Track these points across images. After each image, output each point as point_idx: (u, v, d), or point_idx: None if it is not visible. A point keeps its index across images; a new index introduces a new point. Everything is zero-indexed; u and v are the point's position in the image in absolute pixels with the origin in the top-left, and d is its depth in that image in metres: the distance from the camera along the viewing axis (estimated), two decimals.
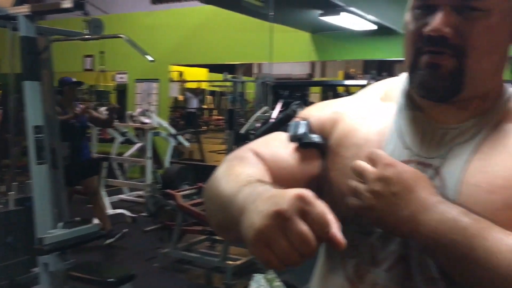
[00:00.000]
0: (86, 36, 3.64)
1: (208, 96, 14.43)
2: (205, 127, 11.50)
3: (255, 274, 0.98)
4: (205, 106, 13.82)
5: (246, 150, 0.88)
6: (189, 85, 11.20)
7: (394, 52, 5.55)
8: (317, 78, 14.92)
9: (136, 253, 4.67)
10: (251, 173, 0.79)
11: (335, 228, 0.60)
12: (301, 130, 0.88)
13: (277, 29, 5.08)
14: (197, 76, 11.56)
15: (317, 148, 0.88)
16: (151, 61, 4.15)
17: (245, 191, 0.70)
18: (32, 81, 3.05)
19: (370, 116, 0.87)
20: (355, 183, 0.75)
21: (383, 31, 5.39)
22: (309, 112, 0.94)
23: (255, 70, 12.30)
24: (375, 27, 5.21)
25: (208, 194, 0.83)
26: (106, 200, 5.85)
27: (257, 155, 0.86)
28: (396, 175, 0.72)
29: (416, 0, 0.79)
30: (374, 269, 0.78)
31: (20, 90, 3.10)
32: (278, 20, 5.68)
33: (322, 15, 5.32)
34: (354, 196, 0.75)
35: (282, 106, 5.18)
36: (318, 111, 0.93)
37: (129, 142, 7.13)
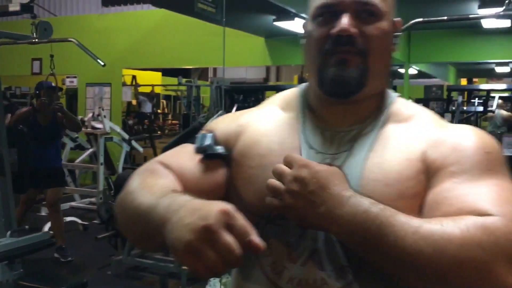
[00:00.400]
0: (34, 40, 3.54)
1: (162, 101, 14.29)
2: (160, 132, 11.38)
3: (211, 279, 0.99)
4: (159, 111, 13.68)
5: (154, 163, 0.93)
6: (143, 89, 11.06)
7: None
8: (272, 82, 15.05)
9: (89, 261, 4.57)
10: (164, 184, 0.84)
11: (254, 235, 0.67)
12: (207, 142, 0.93)
13: (231, 34, 5.10)
14: (151, 80, 11.43)
15: (222, 159, 0.94)
16: (103, 65, 4.08)
17: (163, 202, 0.75)
18: None
19: (273, 127, 0.94)
20: (275, 184, 0.80)
21: None
22: (215, 125, 1.00)
23: (211, 74, 12.30)
24: None
25: (123, 208, 0.87)
26: None
27: (166, 166, 0.91)
28: (310, 175, 0.77)
29: (318, 8, 0.87)
30: (290, 265, 0.84)
31: None
32: (232, 25, 5.71)
33: (275, 20, 5.39)
34: (274, 196, 0.80)
35: (237, 110, 5.20)
36: (223, 124, 0.99)
37: (80, 148, 6.97)
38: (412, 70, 8.79)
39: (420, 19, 2.43)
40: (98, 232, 4.69)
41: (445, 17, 2.45)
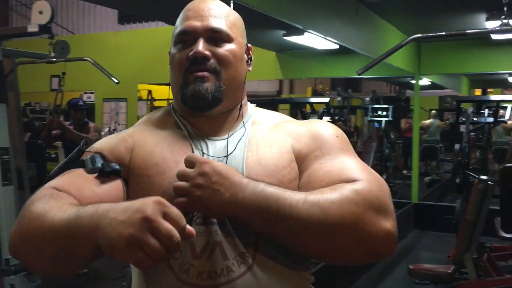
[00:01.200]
0: (52, 59, 3.70)
1: None
2: None
3: None
4: None
5: (48, 189, 0.92)
6: (158, 104, 11.25)
7: (355, 70, 5.75)
8: (285, 95, 15.11)
9: (104, 272, 4.67)
10: (72, 201, 0.87)
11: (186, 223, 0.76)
12: (98, 163, 0.98)
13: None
14: (166, 94, 11.60)
15: (116, 174, 0.99)
16: (117, 83, 4.23)
17: (84, 213, 0.78)
18: None
19: (160, 139, 1.04)
20: (181, 184, 0.89)
21: (344, 51, 5.60)
22: (99, 146, 1.04)
23: None
24: (336, 46, 5.41)
25: (29, 235, 0.85)
26: None
27: (61, 190, 0.91)
28: (212, 168, 0.89)
29: (178, 35, 1.04)
30: (196, 261, 0.93)
31: None
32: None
33: (285, 35, 5.49)
34: (180, 196, 0.89)
35: None
36: (108, 144, 1.04)
37: None
38: (426, 81, 8.82)
39: (419, 35, 2.51)
40: None
41: (444, 33, 2.52)
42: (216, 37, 1.02)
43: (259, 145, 1.03)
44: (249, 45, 1.12)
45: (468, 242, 3.39)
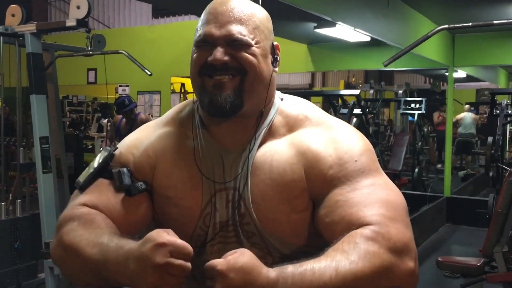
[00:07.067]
0: (88, 52, 3.83)
1: None
2: None
3: None
4: None
5: (80, 207, 1.02)
6: (190, 97, 11.39)
7: None
8: (317, 87, 15.04)
9: None
10: (99, 227, 0.97)
11: (188, 246, 0.84)
12: (126, 179, 1.05)
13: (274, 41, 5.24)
14: None
15: (142, 192, 1.06)
16: (149, 75, 4.35)
17: (110, 260, 0.89)
18: (39, 95, 3.23)
19: (177, 160, 1.06)
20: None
21: (375, 43, 5.57)
22: (125, 158, 1.09)
23: None
24: (368, 38, 5.38)
25: (66, 261, 0.98)
26: None
27: (93, 207, 1.02)
28: (236, 279, 0.82)
29: (198, 41, 1.02)
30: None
31: (27, 103, 3.28)
32: (275, 33, 5.85)
33: (316, 27, 5.50)
34: None
35: None
36: (133, 157, 1.09)
37: None
38: (461, 74, 8.65)
39: (446, 26, 2.50)
40: None
41: (470, 24, 2.50)
42: (236, 43, 1.00)
43: (272, 166, 1.02)
44: (275, 43, 1.08)
45: (499, 235, 3.36)
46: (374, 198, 0.96)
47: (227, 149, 1.05)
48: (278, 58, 1.07)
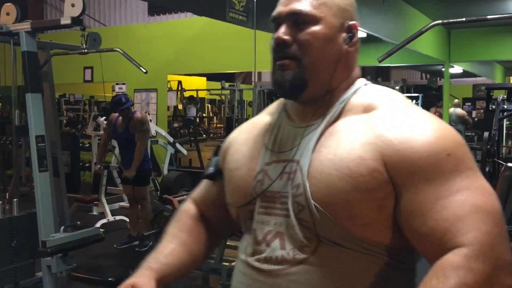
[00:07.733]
0: (84, 50, 3.82)
1: (208, 105, 14.60)
2: (205, 135, 11.67)
3: None
4: (205, 115, 13.98)
5: (187, 203, 1.27)
6: (188, 94, 11.38)
7: None
8: None
9: (136, 256, 4.82)
10: (176, 235, 1.23)
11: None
12: (211, 167, 1.19)
13: (268, 38, 5.23)
14: (196, 85, 11.73)
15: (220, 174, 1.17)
16: (145, 72, 4.35)
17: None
18: (34, 93, 3.21)
19: (251, 136, 1.12)
20: None
21: (371, 39, 5.57)
22: (221, 148, 1.21)
23: (256, 78, 12.41)
24: (364, 35, 5.38)
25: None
26: (107, 208, 6.01)
27: (193, 201, 1.26)
28: None
29: (271, 22, 1.04)
30: (258, 246, 1.02)
31: (22, 102, 3.27)
32: (269, 29, 5.83)
33: None
34: None
35: None
36: (223, 145, 1.21)
37: None
38: (458, 69, 8.66)
39: (440, 21, 2.50)
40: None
41: (463, 19, 2.51)
42: (299, 19, 0.99)
43: (340, 141, 0.96)
44: (351, 22, 1.03)
45: None
46: (469, 208, 0.86)
47: (297, 125, 1.05)
48: (354, 36, 1.03)
